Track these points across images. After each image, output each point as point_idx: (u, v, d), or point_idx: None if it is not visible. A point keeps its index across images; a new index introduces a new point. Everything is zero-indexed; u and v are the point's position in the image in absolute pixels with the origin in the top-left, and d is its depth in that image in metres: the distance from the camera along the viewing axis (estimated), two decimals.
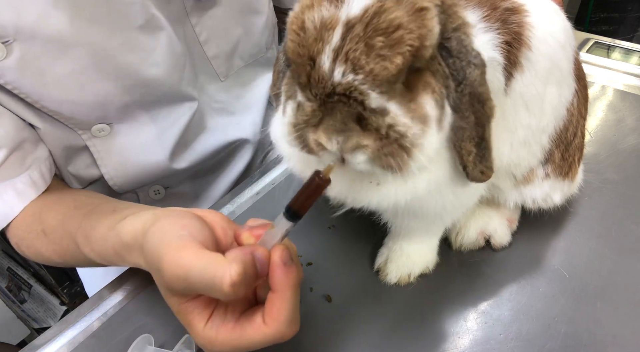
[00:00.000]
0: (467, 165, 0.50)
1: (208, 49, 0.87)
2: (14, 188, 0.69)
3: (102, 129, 0.77)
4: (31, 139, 0.72)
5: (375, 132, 0.43)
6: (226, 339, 0.47)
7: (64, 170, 0.80)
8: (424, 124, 0.44)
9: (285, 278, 0.46)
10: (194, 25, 0.83)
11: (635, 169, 0.88)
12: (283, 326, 0.46)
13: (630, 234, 0.76)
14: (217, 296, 0.44)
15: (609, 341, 0.62)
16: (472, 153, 0.50)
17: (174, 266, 0.44)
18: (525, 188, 0.68)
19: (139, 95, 0.77)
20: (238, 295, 0.43)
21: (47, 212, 0.70)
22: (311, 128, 0.44)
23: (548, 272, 0.71)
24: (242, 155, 1.01)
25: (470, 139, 0.49)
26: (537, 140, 0.62)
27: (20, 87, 0.67)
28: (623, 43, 1.31)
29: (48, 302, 1.87)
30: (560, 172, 0.68)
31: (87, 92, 0.72)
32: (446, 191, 0.55)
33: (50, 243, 0.69)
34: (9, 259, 1.90)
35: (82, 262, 0.69)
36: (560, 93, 0.61)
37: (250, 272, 0.44)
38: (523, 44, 0.53)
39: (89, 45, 0.68)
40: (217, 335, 0.47)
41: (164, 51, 0.76)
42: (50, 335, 0.65)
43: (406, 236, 0.69)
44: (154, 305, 0.67)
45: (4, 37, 0.62)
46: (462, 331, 0.63)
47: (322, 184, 0.45)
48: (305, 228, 0.77)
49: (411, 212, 0.58)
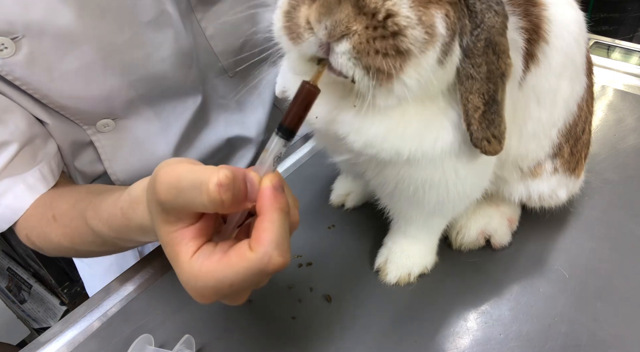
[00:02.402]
0: (472, 122, 0.46)
1: (215, 44, 0.87)
2: (25, 182, 0.70)
3: (106, 124, 0.77)
4: (42, 134, 0.73)
5: (370, 18, 0.38)
6: (210, 270, 0.42)
7: (70, 166, 0.80)
8: (428, 35, 0.40)
9: (274, 200, 0.42)
10: (199, 20, 0.83)
11: (635, 169, 0.88)
12: (269, 248, 0.40)
13: (630, 234, 0.76)
14: (204, 203, 0.40)
15: (609, 341, 0.62)
16: (480, 110, 0.46)
17: (167, 175, 0.42)
18: (534, 182, 0.67)
19: (144, 90, 0.77)
20: (225, 203, 0.40)
21: (59, 199, 0.71)
22: (306, 3, 0.41)
23: (548, 272, 0.71)
24: (243, 154, 1.01)
25: (480, 94, 0.45)
26: (546, 133, 0.61)
27: (28, 83, 0.67)
28: (623, 43, 1.31)
29: (48, 302, 1.87)
30: (568, 167, 0.68)
31: (94, 87, 0.72)
32: (448, 165, 0.52)
33: (59, 226, 0.68)
34: (9, 259, 1.90)
35: (88, 244, 0.68)
36: (573, 88, 0.61)
37: (239, 185, 0.41)
38: (541, 37, 0.52)
39: (96, 41, 0.68)
40: (201, 267, 0.42)
41: (171, 47, 0.76)
42: (50, 335, 0.65)
43: (406, 233, 0.69)
44: (154, 305, 0.68)
45: (13, 34, 0.62)
46: (462, 331, 0.63)
47: (312, 90, 0.41)
48: (305, 228, 0.77)
49: (412, 194, 0.55)
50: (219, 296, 0.43)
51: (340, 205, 0.82)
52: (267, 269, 0.41)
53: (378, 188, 0.62)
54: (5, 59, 0.63)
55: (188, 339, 0.60)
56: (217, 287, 0.42)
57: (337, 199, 0.82)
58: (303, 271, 0.71)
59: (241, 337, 0.63)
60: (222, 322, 0.65)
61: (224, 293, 0.43)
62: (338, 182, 0.84)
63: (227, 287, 0.42)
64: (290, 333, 0.63)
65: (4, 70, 0.64)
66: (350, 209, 0.81)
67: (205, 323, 0.65)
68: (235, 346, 0.62)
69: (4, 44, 0.62)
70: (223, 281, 0.41)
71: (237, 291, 0.43)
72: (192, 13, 0.81)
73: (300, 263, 0.72)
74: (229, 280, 0.41)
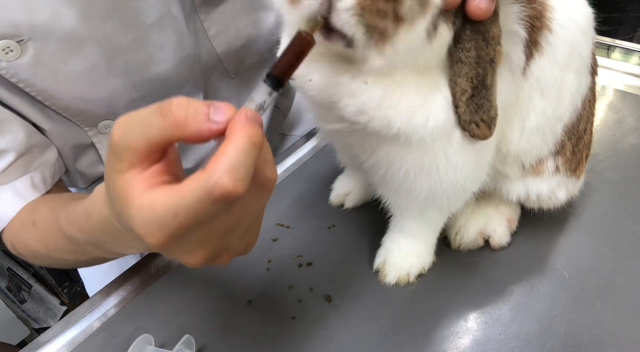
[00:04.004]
0: (459, 105, 0.47)
1: (217, 45, 0.87)
2: (14, 189, 0.69)
3: (108, 125, 0.78)
4: (40, 144, 0.72)
5: None
6: (156, 199, 0.35)
7: (72, 168, 0.80)
8: (422, 6, 0.41)
9: (244, 125, 0.36)
10: (202, 21, 0.83)
11: (635, 169, 0.88)
12: (220, 169, 0.34)
13: (630, 234, 0.76)
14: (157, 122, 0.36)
15: (609, 341, 0.62)
16: (467, 93, 0.47)
17: (121, 117, 0.38)
18: (534, 181, 0.67)
19: (147, 91, 0.77)
20: (177, 118, 0.35)
21: (41, 205, 0.70)
22: None
23: (548, 272, 0.71)
24: None
25: (468, 78, 0.46)
26: (551, 128, 0.61)
27: (32, 85, 0.66)
28: (623, 43, 1.31)
29: (48, 302, 1.87)
30: (570, 166, 0.67)
31: (97, 89, 0.72)
32: (438, 147, 0.51)
33: (37, 232, 0.67)
34: (9, 259, 1.90)
35: (61, 251, 0.65)
36: (579, 82, 0.60)
37: (197, 106, 0.36)
38: (544, 25, 0.52)
39: (100, 42, 0.68)
40: (151, 197, 0.36)
41: (174, 48, 0.76)
42: (50, 335, 0.65)
43: (403, 229, 0.69)
44: (154, 305, 0.68)
45: (18, 36, 0.62)
46: (462, 331, 0.63)
47: (308, 39, 0.39)
48: (305, 228, 0.77)
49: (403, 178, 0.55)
50: (165, 232, 0.36)
51: (339, 205, 0.82)
52: (213, 192, 0.34)
53: (371, 173, 0.60)
54: (10, 62, 0.63)
55: (188, 339, 0.60)
56: (162, 220, 0.35)
57: (336, 198, 0.82)
58: (303, 271, 0.71)
59: (241, 337, 0.63)
60: (222, 322, 0.65)
61: (170, 229, 0.36)
62: (338, 181, 0.84)
63: (171, 218, 0.35)
64: (290, 333, 0.63)
65: (9, 73, 0.64)
66: (350, 208, 0.81)
67: (205, 323, 0.65)
68: (235, 346, 0.62)
69: (10, 46, 0.62)
70: (167, 210, 0.35)
71: (185, 228, 0.36)
72: (195, 14, 0.82)
73: (300, 263, 0.72)
74: (174, 208, 0.35)
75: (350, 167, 0.79)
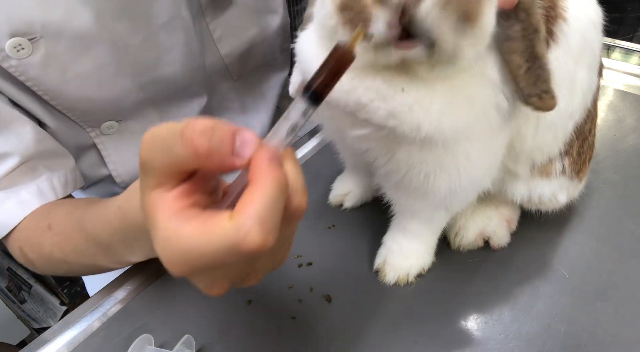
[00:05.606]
0: (519, 80, 0.47)
1: (222, 47, 0.87)
2: (18, 197, 0.67)
3: (110, 126, 0.78)
4: (51, 150, 0.71)
5: None
6: (183, 234, 0.34)
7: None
8: None
9: (269, 169, 0.34)
10: (208, 23, 0.83)
11: (635, 169, 0.88)
12: (249, 221, 0.32)
13: (630, 234, 0.76)
14: (179, 150, 0.34)
15: (609, 341, 0.62)
16: (522, 68, 0.47)
17: (148, 133, 0.36)
18: (540, 182, 0.67)
19: (153, 92, 0.77)
20: (199, 149, 0.33)
21: (57, 209, 0.69)
22: None
23: (548, 272, 0.71)
24: None
25: (519, 53, 0.47)
26: (563, 125, 0.61)
27: (40, 84, 0.66)
28: (623, 43, 1.30)
29: (48, 302, 1.87)
30: (574, 168, 0.67)
31: (104, 89, 0.72)
32: (459, 149, 0.52)
33: (53, 235, 0.66)
34: (9, 259, 1.90)
35: (81, 254, 0.64)
36: (591, 78, 0.60)
37: (222, 135, 0.33)
38: (558, 14, 0.52)
39: (111, 42, 0.68)
40: (176, 229, 0.35)
41: (181, 49, 0.77)
42: (50, 335, 0.65)
43: (406, 229, 0.68)
44: (154, 305, 0.68)
45: (30, 34, 0.62)
46: (462, 331, 0.63)
47: (347, 55, 0.36)
48: (305, 228, 0.77)
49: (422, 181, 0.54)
50: (188, 267, 0.36)
51: (338, 205, 0.82)
52: (241, 246, 0.33)
53: (386, 178, 0.60)
54: (21, 60, 0.63)
55: (188, 339, 0.60)
56: (186, 256, 0.35)
57: (336, 198, 0.82)
58: (303, 271, 0.71)
59: (241, 337, 0.63)
60: (222, 322, 0.65)
61: (194, 266, 0.35)
62: (337, 181, 0.84)
63: (196, 258, 0.35)
64: (290, 333, 0.63)
65: (18, 71, 0.63)
66: (349, 208, 0.81)
67: (205, 323, 0.65)
68: (235, 346, 0.62)
69: (22, 44, 0.62)
70: (193, 249, 0.34)
71: (209, 268, 0.36)
72: (201, 17, 0.82)
73: (300, 263, 0.72)
74: (199, 250, 0.34)
75: (359, 171, 0.79)
